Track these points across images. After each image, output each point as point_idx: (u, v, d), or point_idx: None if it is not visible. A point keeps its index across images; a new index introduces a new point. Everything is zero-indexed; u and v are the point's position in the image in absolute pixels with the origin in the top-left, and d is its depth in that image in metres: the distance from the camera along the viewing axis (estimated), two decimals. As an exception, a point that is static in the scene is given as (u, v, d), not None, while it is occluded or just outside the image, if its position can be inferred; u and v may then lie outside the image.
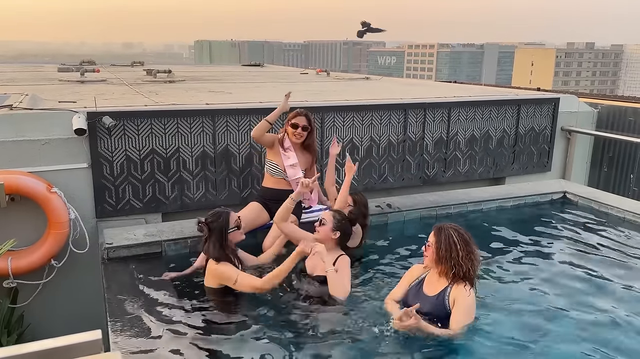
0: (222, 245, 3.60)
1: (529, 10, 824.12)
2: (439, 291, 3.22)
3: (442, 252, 3.19)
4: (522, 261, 4.44)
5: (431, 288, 3.28)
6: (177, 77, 9.65)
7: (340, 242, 3.84)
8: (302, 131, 4.43)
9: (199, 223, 3.68)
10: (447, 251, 3.18)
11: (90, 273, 4.75)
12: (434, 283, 3.28)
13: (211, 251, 3.60)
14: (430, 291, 3.27)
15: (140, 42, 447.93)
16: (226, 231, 3.63)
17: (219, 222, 3.63)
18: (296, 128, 4.41)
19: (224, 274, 3.53)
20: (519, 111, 7.15)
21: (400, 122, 6.33)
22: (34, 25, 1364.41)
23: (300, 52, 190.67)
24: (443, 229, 3.27)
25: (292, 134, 4.43)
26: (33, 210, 4.60)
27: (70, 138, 4.83)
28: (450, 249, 3.17)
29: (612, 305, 3.71)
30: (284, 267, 3.48)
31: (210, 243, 3.61)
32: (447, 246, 3.19)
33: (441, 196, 5.89)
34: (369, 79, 11.62)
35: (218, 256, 3.57)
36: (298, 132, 4.42)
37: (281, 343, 3.12)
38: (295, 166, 4.46)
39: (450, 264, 3.17)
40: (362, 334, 3.20)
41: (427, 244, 3.31)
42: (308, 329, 3.28)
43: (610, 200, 5.86)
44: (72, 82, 8.47)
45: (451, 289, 3.19)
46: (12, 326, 4.50)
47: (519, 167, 7.31)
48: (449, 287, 3.20)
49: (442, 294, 3.20)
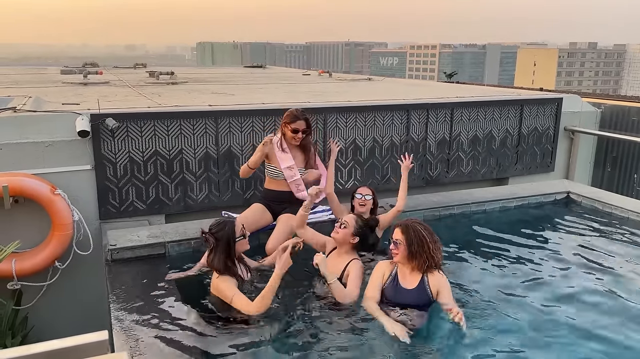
0: (228, 256, 3.49)
1: (531, 10, 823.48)
2: (417, 282, 3.41)
3: (414, 248, 3.37)
4: (526, 261, 4.43)
5: (408, 281, 3.45)
6: (180, 79, 9.67)
7: (356, 247, 3.87)
8: (302, 135, 4.47)
9: (203, 234, 3.53)
10: (419, 246, 3.37)
11: (94, 274, 4.76)
12: (409, 276, 3.46)
13: (215, 263, 3.48)
14: (409, 285, 3.44)
15: (142, 44, 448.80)
16: (233, 241, 3.52)
17: (224, 232, 3.50)
18: (297, 133, 4.44)
19: (222, 291, 3.44)
20: (521, 111, 7.13)
21: (403, 122, 6.33)
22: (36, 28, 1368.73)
23: (302, 54, 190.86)
24: (409, 226, 3.43)
25: (292, 138, 4.47)
26: (37, 212, 4.61)
27: (74, 140, 4.85)
28: (421, 244, 3.37)
29: (617, 305, 3.70)
30: (270, 287, 3.32)
31: (216, 255, 3.48)
32: (419, 241, 3.37)
33: (444, 196, 5.89)
34: (372, 79, 11.62)
35: (222, 270, 3.47)
36: (299, 136, 4.46)
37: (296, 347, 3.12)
38: (292, 167, 4.48)
39: (423, 257, 3.37)
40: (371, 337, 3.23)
41: (394, 242, 3.43)
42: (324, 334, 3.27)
43: (614, 200, 5.84)
44: (75, 85, 8.50)
45: (428, 279, 3.40)
46: (16, 328, 4.51)
47: (522, 168, 7.30)
48: (424, 277, 3.41)
49: (421, 285, 3.40)
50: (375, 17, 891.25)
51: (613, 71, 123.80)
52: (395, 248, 3.42)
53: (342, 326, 3.33)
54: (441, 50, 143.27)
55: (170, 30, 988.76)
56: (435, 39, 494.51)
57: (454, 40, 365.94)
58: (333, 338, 3.21)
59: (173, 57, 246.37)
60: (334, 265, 3.75)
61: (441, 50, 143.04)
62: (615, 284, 4.02)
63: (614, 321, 3.48)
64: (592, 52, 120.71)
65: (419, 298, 3.38)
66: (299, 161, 4.54)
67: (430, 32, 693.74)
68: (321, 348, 3.11)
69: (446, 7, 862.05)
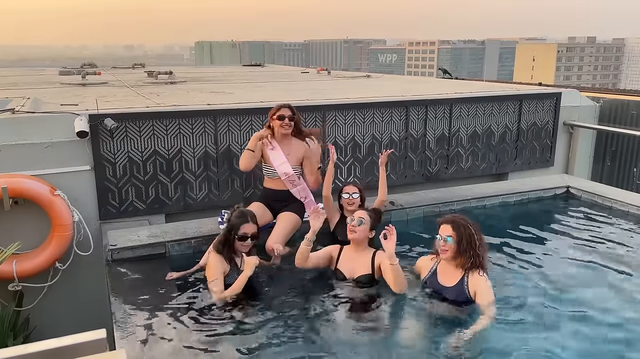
0: (226, 241, 3.71)
1: (529, 5, 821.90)
2: (457, 281, 3.39)
3: (464, 246, 3.34)
4: (526, 256, 4.42)
5: (447, 278, 3.44)
6: (178, 79, 9.66)
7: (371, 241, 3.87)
8: (289, 121, 4.42)
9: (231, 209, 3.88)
10: (468, 243, 3.34)
11: (95, 275, 4.76)
12: (450, 273, 3.43)
13: (216, 240, 3.78)
14: (448, 282, 3.42)
15: (141, 44, 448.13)
16: (235, 232, 3.71)
17: (231, 221, 3.75)
18: (282, 119, 4.41)
19: (208, 267, 3.66)
20: (520, 106, 7.13)
21: (401, 119, 6.33)
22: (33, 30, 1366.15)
23: (300, 52, 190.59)
24: (459, 223, 3.39)
25: (280, 126, 4.42)
26: (37, 213, 4.61)
27: (73, 141, 4.84)
28: (470, 241, 3.34)
29: (617, 299, 3.71)
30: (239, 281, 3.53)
31: (220, 234, 3.78)
32: (468, 238, 3.34)
33: (444, 192, 5.88)
34: (370, 77, 11.60)
35: (217, 248, 3.70)
36: (285, 123, 4.41)
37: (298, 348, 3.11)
38: (284, 164, 4.46)
39: (469, 254, 3.34)
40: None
41: (442, 239, 3.38)
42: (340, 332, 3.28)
43: (614, 194, 5.84)
44: (74, 85, 8.49)
45: (468, 279, 3.37)
46: (18, 329, 4.51)
47: (521, 163, 7.29)
48: (465, 277, 3.38)
49: (460, 283, 3.38)
50: (373, 14, 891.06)
51: (612, 65, 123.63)
52: (444, 245, 3.37)
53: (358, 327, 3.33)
54: (440, 46, 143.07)
55: (168, 30, 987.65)
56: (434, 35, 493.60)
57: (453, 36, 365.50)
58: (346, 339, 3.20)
59: (171, 56, 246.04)
60: (359, 262, 3.74)
61: (440, 47, 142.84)
62: (616, 278, 4.02)
63: (616, 314, 3.48)
64: (590, 46, 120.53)
65: (457, 295, 3.37)
66: (294, 156, 4.52)
67: (428, 28, 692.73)
68: (329, 349, 3.10)
69: (444, 3, 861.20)
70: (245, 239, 3.71)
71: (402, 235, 4.83)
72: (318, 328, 3.29)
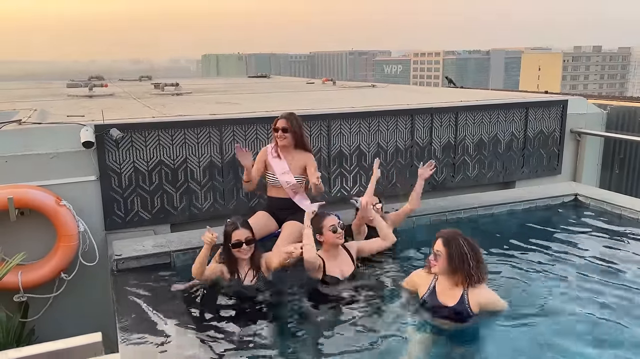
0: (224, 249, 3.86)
1: (534, 15, 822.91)
2: (457, 300, 3.28)
3: (455, 264, 3.24)
4: (535, 265, 4.37)
5: (447, 296, 3.31)
6: (185, 90, 9.70)
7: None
8: (282, 133, 4.49)
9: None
10: (460, 262, 3.23)
11: (100, 285, 4.75)
12: (449, 291, 3.32)
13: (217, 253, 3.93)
14: (448, 301, 3.30)
15: (148, 58, 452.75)
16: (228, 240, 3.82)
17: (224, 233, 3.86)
18: (277, 131, 4.53)
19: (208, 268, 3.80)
20: (527, 114, 7.09)
21: (407, 127, 6.30)
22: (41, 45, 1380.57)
23: (306, 63, 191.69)
24: (452, 240, 3.29)
25: (276, 137, 4.56)
26: (42, 223, 4.61)
27: (79, 151, 4.86)
28: (462, 261, 3.23)
29: (628, 305, 3.65)
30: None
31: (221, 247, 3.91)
32: (460, 256, 3.23)
33: (451, 201, 5.85)
34: (375, 86, 11.62)
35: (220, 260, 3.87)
36: (279, 134, 4.51)
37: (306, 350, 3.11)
38: (286, 173, 4.53)
39: (464, 274, 3.24)
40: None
41: (434, 253, 3.32)
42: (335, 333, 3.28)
43: (623, 201, 5.77)
44: (81, 97, 8.55)
45: (468, 296, 3.26)
46: (23, 340, 4.49)
47: (528, 171, 7.24)
48: (464, 294, 3.27)
49: (461, 301, 3.27)
50: (378, 25, 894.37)
51: (618, 74, 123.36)
52: (434, 259, 3.31)
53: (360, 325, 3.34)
54: (445, 57, 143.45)
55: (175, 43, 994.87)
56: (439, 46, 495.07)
57: (458, 46, 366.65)
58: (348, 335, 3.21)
59: (178, 69, 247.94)
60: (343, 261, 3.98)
61: (445, 57, 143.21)
62: (631, 286, 3.96)
63: (630, 322, 3.42)
64: (596, 55, 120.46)
65: (458, 314, 3.28)
66: (295, 166, 4.54)
67: (433, 39, 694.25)
68: (332, 349, 3.07)
69: (449, 14, 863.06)
70: (240, 246, 3.72)
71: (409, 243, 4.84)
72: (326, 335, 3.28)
